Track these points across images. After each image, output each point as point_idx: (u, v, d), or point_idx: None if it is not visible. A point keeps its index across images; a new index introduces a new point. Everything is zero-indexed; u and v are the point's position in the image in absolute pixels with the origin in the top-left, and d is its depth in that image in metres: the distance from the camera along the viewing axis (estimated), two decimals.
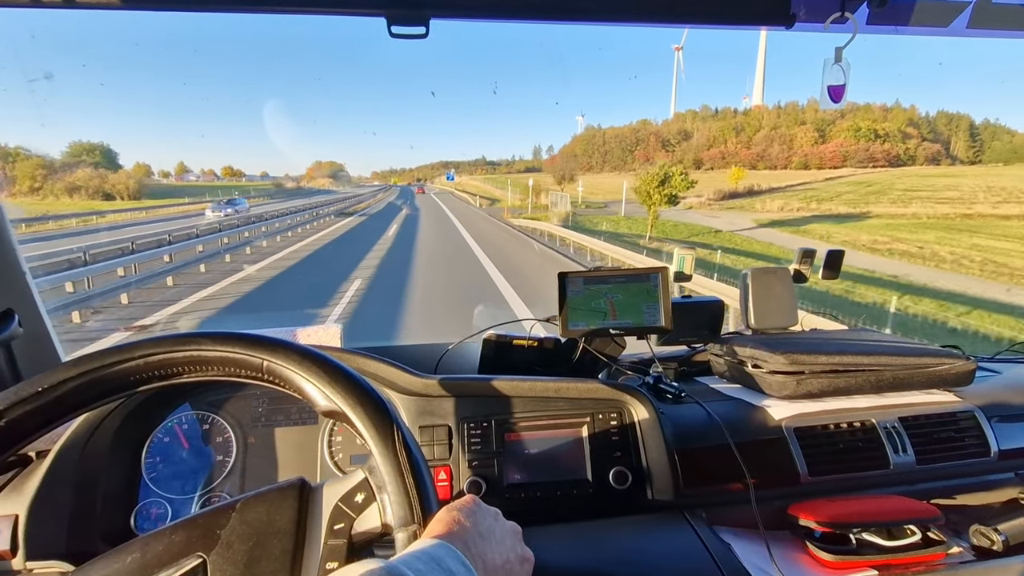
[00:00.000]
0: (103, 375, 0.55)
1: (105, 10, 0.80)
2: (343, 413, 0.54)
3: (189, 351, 0.55)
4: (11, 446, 0.52)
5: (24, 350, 0.99)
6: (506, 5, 0.87)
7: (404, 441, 0.53)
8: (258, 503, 0.53)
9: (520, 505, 0.94)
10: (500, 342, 1.23)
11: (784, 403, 1.06)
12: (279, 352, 0.55)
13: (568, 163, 54.64)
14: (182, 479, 0.97)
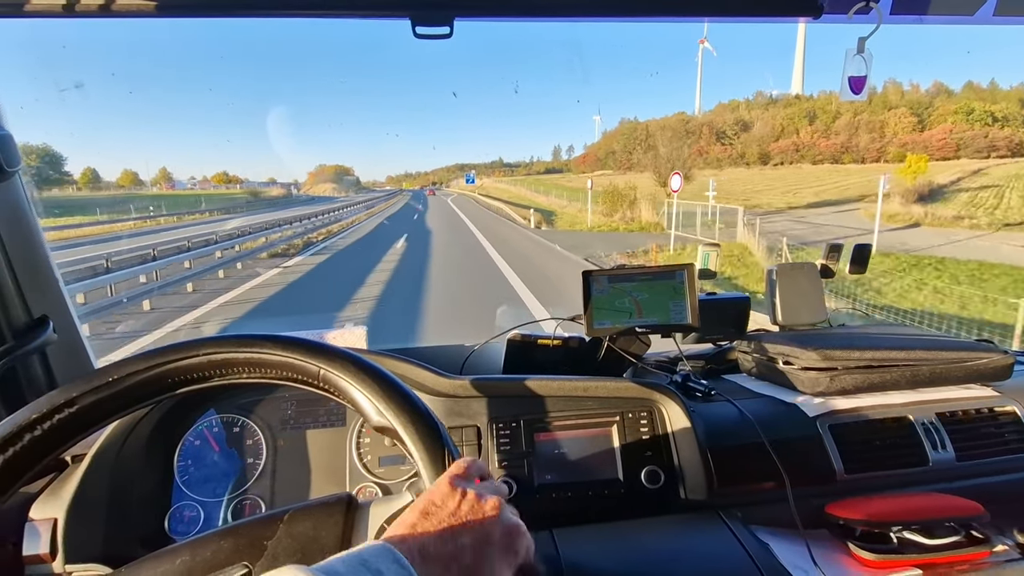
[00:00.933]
0: (168, 369, 0.55)
1: (135, 18, 0.81)
2: (395, 431, 0.54)
3: (250, 353, 0.56)
4: (82, 431, 0.54)
5: (58, 356, 1.01)
6: (530, 4, 0.87)
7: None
8: (305, 516, 0.53)
9: (551, 506, 0.93)
10: (525, 342, 1.22)
11: (817, 400, 1.04)
12: (337, 362, 0.56)
13: (675, 149, 36.30)
14: (214, 482, 0.98)
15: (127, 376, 0.55)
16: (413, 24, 0.86)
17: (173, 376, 0.56)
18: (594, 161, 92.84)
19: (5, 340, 0.89)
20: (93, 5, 0.77)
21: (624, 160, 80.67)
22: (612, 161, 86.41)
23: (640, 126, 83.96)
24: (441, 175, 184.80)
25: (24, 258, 0.93)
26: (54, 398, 0.53)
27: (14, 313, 0.91)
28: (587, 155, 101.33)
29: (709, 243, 1.37)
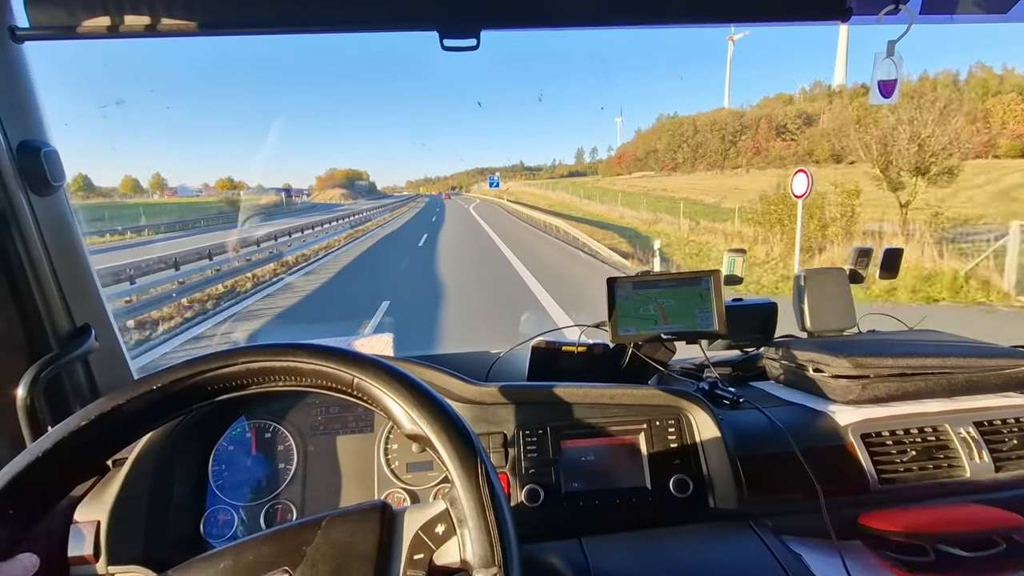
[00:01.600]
0: (209, 377, 0.57)
1: (175, 37, 0.84)
2: (428, 439, 0.54)
3: (286, 361, 0.57)
4: (128, 437, 0.57)
5: (99, 364, 1.04)
6: (556, 14, 0.88)
7: (488, 477, 0.52)
8: (342, 523, 0.54)
9: (579, 514, 0.93)
10: (549, 348, 1.22)
11: (849, 408, 1.02)
12: (370, 370, 0.56)
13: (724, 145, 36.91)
14: (247, 486, 1.00)
15: (171, 384, 0.57)
16: (441, 37, 0.87)
17: (213, 384, 0.58)
18: (631, 161, 79.21)
19: (51, 348, 0.92)
20: (139, 26, 0.80)
21: (667, 160, 71.47)
22: (654, 161, 74.08)
23: (686, 121, 72.16)
24: (461, 179, 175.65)
25: (68, 268, 0.96)
26: (102, 405, 0.55)
27: (59, 321, 0.94)
28: (622, 155, 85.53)
29: (735, 249, 1.35)
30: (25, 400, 0.86)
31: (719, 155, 64.66)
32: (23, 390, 0.87)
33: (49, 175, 0.90)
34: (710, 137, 66.61)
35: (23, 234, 0.87)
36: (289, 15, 0.83)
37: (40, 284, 0.90)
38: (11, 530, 0.50)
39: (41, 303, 0.91)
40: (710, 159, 65.18)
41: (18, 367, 0.88)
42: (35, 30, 0.81)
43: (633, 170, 75.58)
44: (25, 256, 0.88)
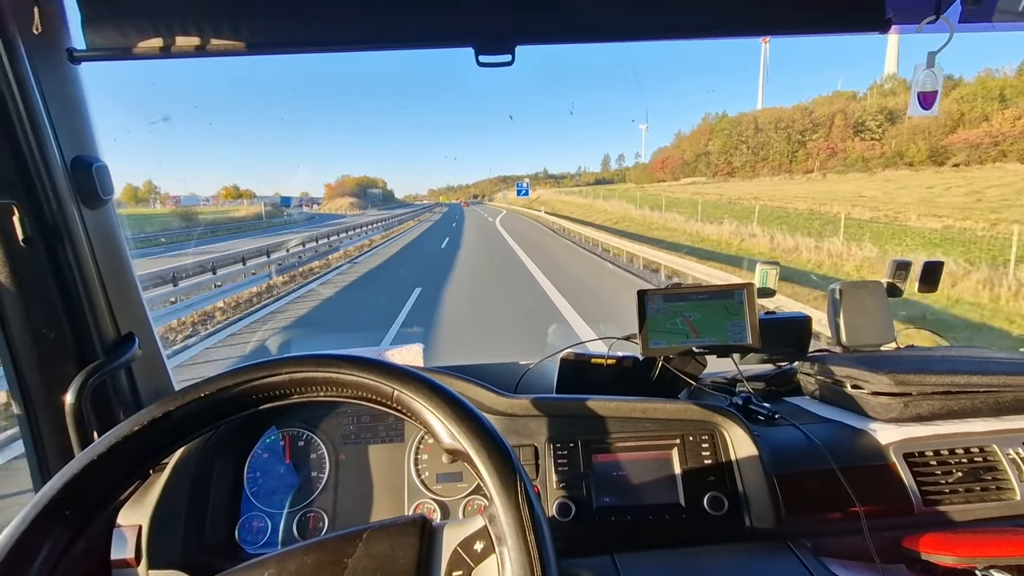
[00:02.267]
0: (254, 386, 0.58)
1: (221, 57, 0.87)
2: (467, 454, 0.54)
3: (328, 372, 0.58)
4: (176, 443, 0.58)
5: (141, 372, 1.07)
6: (590, 28, 0.88)
7: (527, 495, 0.52)
8: (383, 536, 0.55)
9: (611, 529, 0.92)
10: (578, 360, 1.22)
11: (890, 426, 0.99)
12: (410, 383, 0.57)
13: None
14: (280, 494, 1.02)
15: (218, 392, 0.58)
16: (476, 53, 0.89)
17: (258, 393, 0.59)
18: (677, 166, 66.91)
19: (97, 355, 0.96)
20: (188, 46, 0.83)
21: (722, 164, 59.14)
22: (705, 165, 62.23)
23: (744, 119, 59.74)
24: (483, 187, 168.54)
25: (114, 278, 1.00)
26: (154, 411, 0.57)
27: (105, 330, 0.97)
28: (665, 159, 71.41)
29: (767, 261, 1.33)
30: (73, 406, 0.89)
31: (784, 157, 53.61)
32: (71, 396, 0.90)
33: (100, 189, 0.94)
34: (774, 137, 54.20)
35: (75, 246, 0.91)
36: (330, 35, 0.85)
37: (89, 294, 0.94)
38: (66, 530, 0.52)
39: (89, 312, 0.94)
40: (774, 162, 54.35)
41: (67, 373, 0.91)
42: (91, 51, 0.85)
43: (680, 175, 64.83)
44: (76, 267, 0.91)
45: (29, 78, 0.82)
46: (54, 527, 0.51)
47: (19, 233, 0.83)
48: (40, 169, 0.84)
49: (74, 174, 0.90)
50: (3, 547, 0.47)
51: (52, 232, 0.88)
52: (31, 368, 0.91)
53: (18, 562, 0.48)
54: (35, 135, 0.83)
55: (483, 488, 0.53)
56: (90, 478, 0.53)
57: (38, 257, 0.87)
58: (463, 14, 0.88)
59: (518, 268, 13.48)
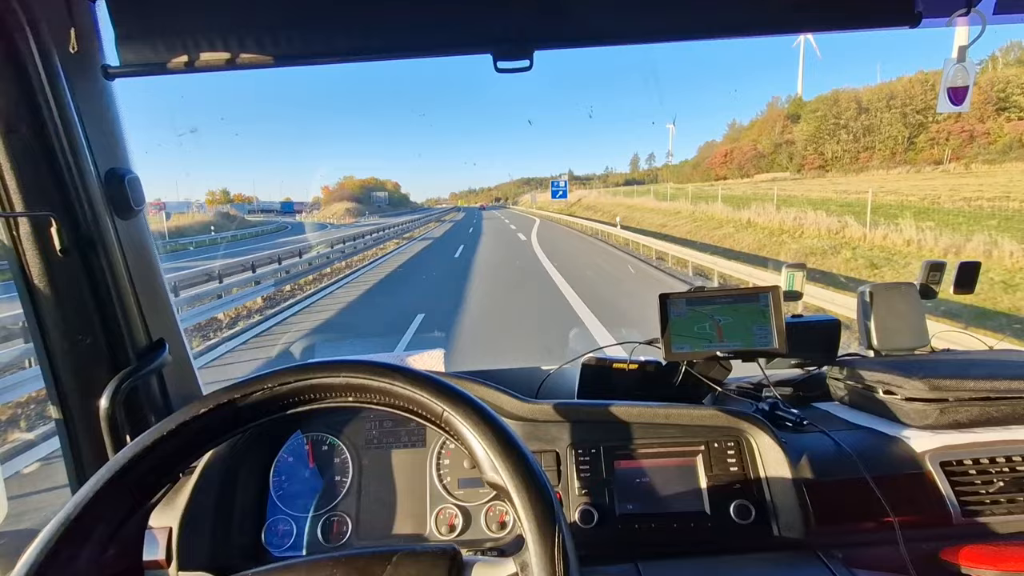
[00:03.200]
0: (310, 384, 0.58)
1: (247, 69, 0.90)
2: (507, 492, 0.52)
3: (383, 382, 0.57)
4: (240, 425, 0.59)
5: (171, 377, 1.10)
6: (608, 31, 0.88)
7: (564, 549, 0.49)
8: (413, 562, 0.54)
9: (634, 536, 0.91)
10: (600, 365, 1.21)
11: (925, 433, 0.96)
12: (461, 407, 0.56)
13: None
14: (305, 498, 1.03)
15: (280, 384, 0.58)
16: (494, 59, 0.89)
17: (315, 391, 0.59)
18: (748, 159, 52.23)
19: (130, 361, 0.98)
20: (217, 60, 0.85)
21: (811, 156, 45.75)
22: (786, 157, 48.48)
23: (843, 97, 45.97)
24: (506, 190, 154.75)
25: (145, 286, 1.03)
26: (220, 396, 0.58)
27: (137, 336, 1.00)
28: (729, 152, 55.60)
29: (793, 264, 1.30)
30: (107, 410, 0.92)
31: (899, 143, 41.14)
32: (106, 400, 0.92)
33: (132, 200, 0.97)
34: (887, 118, 41.10)
35: (108, 255, 0.94)
36: (352, 46, 0.87)
37: (122, 301, 0.97)
38: (107, 528, 0.53)
39: (122, 319, 0.97)
40: (884, 150, 41.62)
41: (101, 379, 0.94)
42: (124, 68, 0.88)
43: (751, 171, 51.43)
44: (110, 275, 0.94)
45: (66, 95, 0.85)
46: (90, 529, 0.52)
47: (57, 244, 0.86)
48: (76, 182, 0.87)
49: (108, 186, 0.94)
50: (44, 546, 0.49)
51: (87, 242, 0.91)
52: (68, 373, 0.94)
53: (56, 564, 0.49)
54: (71, 149, 0.87)
55: (520, 529, 0.51)
56: (129, 477, 0.54)
57: (74, 267, 0.90)
58: (480, 22, 0.88)
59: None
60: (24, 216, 0.85)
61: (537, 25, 0.88)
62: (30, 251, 0.87)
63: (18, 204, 0.84)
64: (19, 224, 0.86)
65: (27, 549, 0.49)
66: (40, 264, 0.88)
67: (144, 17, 0.86)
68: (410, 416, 0.58)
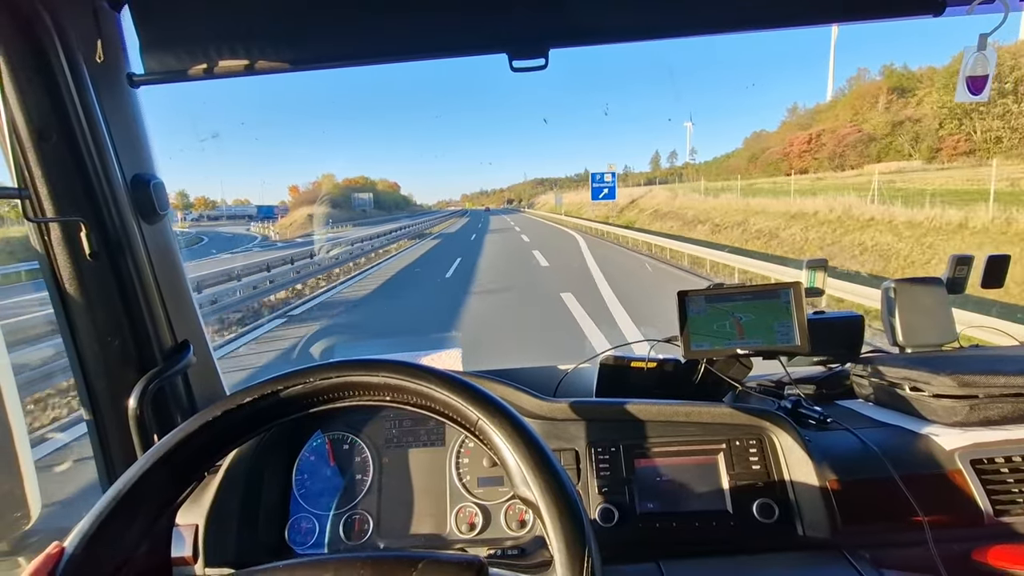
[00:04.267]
0: (351, 382, 0.59)
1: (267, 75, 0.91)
2: (537, 508, 0.52)
3: (420, 385, 0.57)
4: (282, 416, 0.60)
5: (195, 378, 1.13)
6: (624, 28, 0.88)
7: (593, 571, 0.49)
8: (439, 570, 0.53)
9: (655, 536, 0.90)
10: (618, 364, 1.20)
11: (954, 431, 0.94)
12: (496, 416, 0.55)
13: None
14: (327, 496, 1.04)
15: (325, 378, 0.59)
16: (510, 59, 0.89)
17: (356, 389, 0.59)
18: (850, 144, 37.36)
19: (156, 362, 1.01)
20: (238, 66, 0.87)
21: (955, 138, 30.78)
22: (909, 142, 33.89)
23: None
24: (520, 191, 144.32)
25: (170, 288, 1.05)
26: (276, 383, 0.59)
27: (163, 338, 1.03)
28: (814, 138, 40.75)
29: (813, 260, 1.28)
30: (135, 410, 0.94)
31: None
32: (134, 400, 0.95)
33: (157, 204, 0.99)
34: None
35: (135, 259, 0.96)
36: (369, 49, 0.88)
37: (149, 304, 0.99)
38: (139, 528, 0.54)
39: (149, 321, 0.99)
40: None
41: (129, 379, 0.96)
42: (149, 76, 0.90)
43: (853, 160, 36.53)
44: (137, 279, 0.96)
45: (93, 103, 0.87)
46: (121, 527, 0.53)
47: (86, 248, 0.89)
48: (104, 188, 0.90)
49: (134, 191, 0.96)
50: (79, 542, 0.50)
51: (115, 246, 0.93)
52: (97, 374, 0.97)
53: (90, 562, 0.50)
54: (99, 156, 0.89)
55: (548, 545, 0.50)
56: (158, 475, 0.56)
57: (103, 271, 0.93)
58: (495, 21, 0.88)
59: None
60: (56, 222, 0.87)
61: (552, 24, 0.88)
62: (61, 256, 0.89)
63: (50, 211, 0.87)
64: (51, 230, 0.88)
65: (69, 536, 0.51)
66: (71, 268, 0.90)
67: (167, 26, 0.88)
68: (443, 420, 0.58)
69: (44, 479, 1.05)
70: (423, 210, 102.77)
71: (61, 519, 1.11)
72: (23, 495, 1.03)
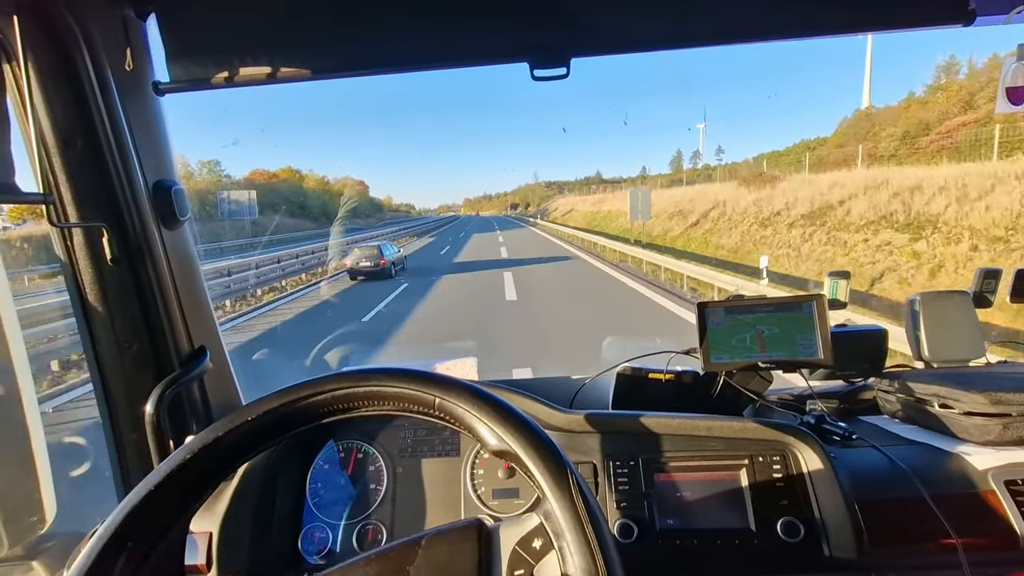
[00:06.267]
0: (298, 408, 0.59)
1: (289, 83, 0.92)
2: (515, 454, 0.54)
3: (369, 387, 0.58)
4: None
5: (211, 384, 1.12)
6: (649, 38, 0.87)
7: (580, 488, 0.52)
8: (441, 542, 0.55)
9: (675, 553, 0.88)
10: (635, 375, 1.18)
11: (987, 450, 0.91)
12: (452, 391, 0.57)
13: None
14: (340, 505, 1.03)
15: (263, 414, 0.59)
16: (531, 67, 0.89)
17: (303, 413, 0.60)
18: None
19: (174, 368, 1.01)
20: (260, 75, 0.88)
21: None
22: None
23: None
24: (528, 194, 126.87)
25: (189, 294, 1.05)
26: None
27: (181, 343, 1.03)
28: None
29: (836, 272, 1.26)
30: (152, 416, 0.94)
31: None
32: (151, 406, 0.95)
33: (177, 211, 0.99)
34: None
35: (155, 265, 0.96)
36: (392, 57, 0.88)
37: (168, 310, 0.99)
38: (146, 538, 0.54)
39: (167, 326, 1.00)
40: None
41: (147, 385, 0.97)
42: (174, 84, 0.91)
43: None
44: (156, 285, 0.97)
45: (118, 111, 0.88)
46: (138, 534, 0.53)
47: (108, 254, 0.89)
48: (127, 194, 0.90)
49: (156, 197, 0.97)
50: (99, 544, 0.50)
51: (136, 252, 0.94)
52: (115, 379, 0.97)
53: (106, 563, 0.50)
54: (123, 163, 0.90)
55: (535, 486, 0.53)
56: (161, 500, 0.55)
57: (124, 276, 0.93)
58: (518, 30, 0.88)
59: None
60: (78, 227, 0.88)
61: (575, 33, 0.88)
62: (83, 260, 0.90)
63: (73, 215, 0.87)
64: (73, 235, 0.89)
65: (81, 548, 0.50)
66: (92, 273, 0.91)
67: (193, 35, 0.89)
68: (408, 415, 0.59)
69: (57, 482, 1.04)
70: (405, 216, 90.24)
71: (76, 523, 1.11)
72: (39, 499, 1.03)
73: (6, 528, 0.93)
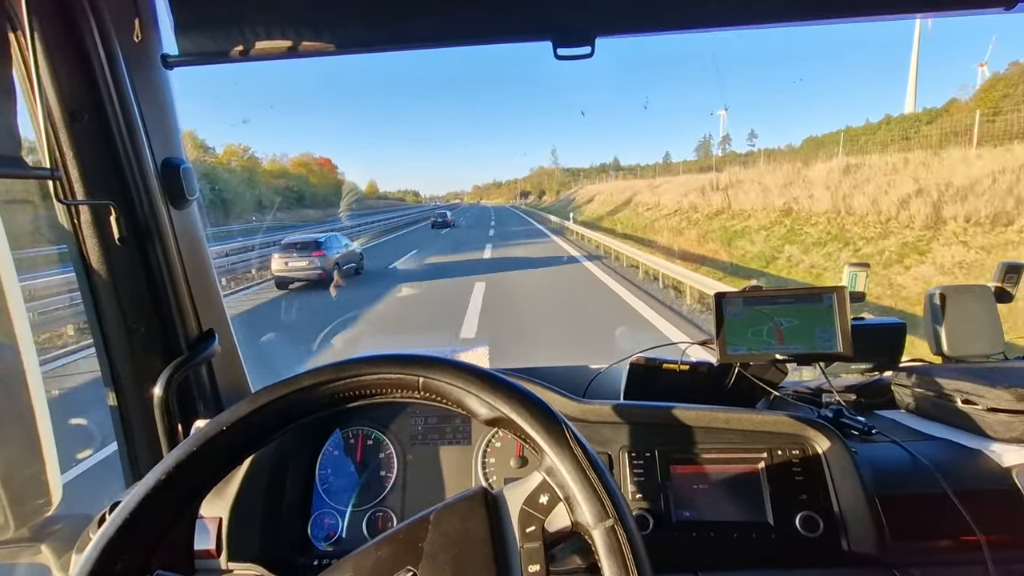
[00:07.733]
0: (284, 405, 0.57)
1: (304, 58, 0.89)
2: (508, 419, 0.54)
3: (349, 378, 0.57)
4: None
5: (219, 367, 1.11)
6: (676, 17, 0.84)
7: (577, 439, 0.53)
8: (450, 514, 0.55)
9: (692, 545, 0.87)
10: (649, 366, 1.17)
11: (1012, 447, 0.89)
12: (434, 368, 0.57)
13: None
14: (350, 492, 1.02)
15: (250, 414, 0.57)
16: (554, 46, 0.86)
17: (289, 410, 0.58)
18: None
19: (182, 351, 0.99)
20: (273, 49, 0.85)
21: None
22: None
23: None
24: (540, 179, 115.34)
25: (197, 276, 1.03)
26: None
27: (190, 326, 1.01)
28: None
29: (856, 263, 1.24)
30: (161, 398, 0.93)
31: None
32: (159, 389, 0.93)
33: (186, 189, 0.97)
34: None
35: (164, 245, 0.94)
36: (411, 33, 0.85)
37: (176, 291, 0.97)
38: (142, 545, 0.52)
39: (176, 308, 0.98)
40: None
41: (156, 368, 0.95)
42: (183, 57, 0.88)
43: None
44: (165, 265, 0.95)
45: (126, 84, 0.85)
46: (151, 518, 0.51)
47: (115, 232, 0.87)
48: (135, 171, 0.88)
49: (164, 175, 0.94)
50: (111, 529, 0.48)
51: (144, 231, 0.91)
52: (123, 361, 0.95)
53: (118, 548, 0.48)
54: (131, 139, 0.87)
55: (531, 446, 0.54)
56: (172, 488, 0.54)
57: (132, 255, 0.91)
58: (542, 7, 0.85)
59: None
60: (86, 204, 0.85)
61: (601, 11, 0.84)
62: (90, 239, 0.88)
63: (80, 192, 0.85)
64: (80, 212, 0.86)
65: (93, 535, 0.49)
66: (99, 252, 0.88)
67: (204, 6, 0.86)
68: (396, 400, 0.58)
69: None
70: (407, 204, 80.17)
71: (81, 505, 1.10)
72: (45, 481, 1.02)
73: (12, 511, 0.92)
